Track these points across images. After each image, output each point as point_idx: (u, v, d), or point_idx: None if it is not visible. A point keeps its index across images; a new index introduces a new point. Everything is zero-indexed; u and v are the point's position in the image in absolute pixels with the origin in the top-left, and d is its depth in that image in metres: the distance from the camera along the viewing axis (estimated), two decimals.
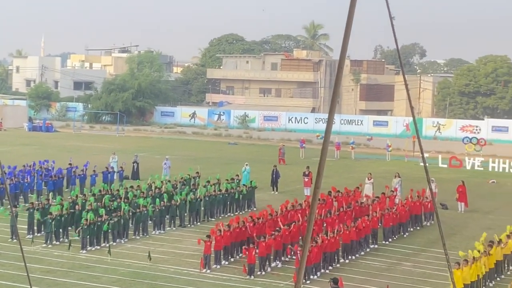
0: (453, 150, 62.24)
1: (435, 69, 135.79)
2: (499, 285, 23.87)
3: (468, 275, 21.73)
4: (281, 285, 23.31)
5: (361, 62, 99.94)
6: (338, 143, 59.13)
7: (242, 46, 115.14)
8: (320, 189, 7.93)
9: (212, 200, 33.12)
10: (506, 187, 46.28)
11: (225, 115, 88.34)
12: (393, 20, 9.48)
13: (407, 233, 31.21)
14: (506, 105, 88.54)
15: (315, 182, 7.92)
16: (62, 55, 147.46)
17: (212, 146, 65.87)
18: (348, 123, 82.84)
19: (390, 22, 9.48)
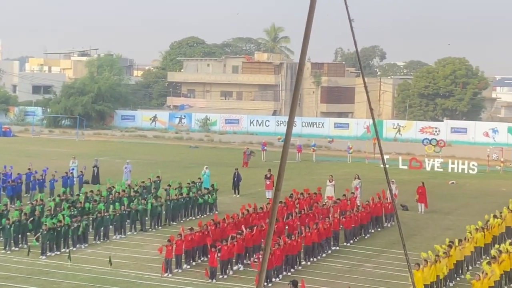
0: (413, 152, 62.88)
1: (395, 71, 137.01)
2: (459, 285, 24.12)
3: (428, 275, 21.92)
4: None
5: (322, 65, 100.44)
6: (300, 146, 59.32)
7: (203, 49, 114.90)
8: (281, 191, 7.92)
9: (173, 204, 32.93)
10: (465, 187, 46.86)
11: (186, 118, 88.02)
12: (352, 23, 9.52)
13: (368, 235, 31.40)
14: (464, 106, 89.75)
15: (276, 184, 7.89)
16: (21, 58, 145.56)
17: (173, 150, 65.56)
18: (309, 126, 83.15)
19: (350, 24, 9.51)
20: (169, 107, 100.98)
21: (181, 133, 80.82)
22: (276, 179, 7.95)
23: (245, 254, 26.26)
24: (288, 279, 24.31)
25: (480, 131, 77.92)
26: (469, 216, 34.52)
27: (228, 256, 24.79)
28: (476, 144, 73.68)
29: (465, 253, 25.04)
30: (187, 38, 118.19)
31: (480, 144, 72.68)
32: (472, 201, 40.96)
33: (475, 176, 52.13)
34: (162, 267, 24.71)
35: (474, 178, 51.11)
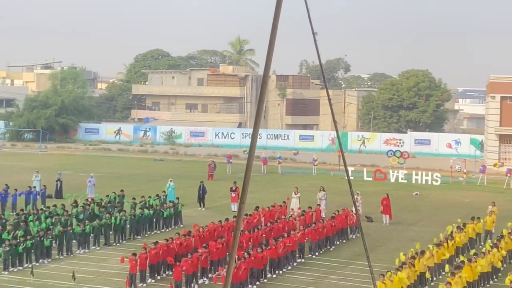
0: (377, 163, 63.27)
1: (359, 83, 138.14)
2: None
3: (391, 287, 21.98)
4: None
5: (287, 77, 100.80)
6: (265, 158, 59.35)
7: (167, 62, 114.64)
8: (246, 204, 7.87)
9: (137, 218, 32.65)
10: (429, 199, 47.25)
11: (151, 131, 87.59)
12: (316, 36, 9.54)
13: (333, 247, 31.45)
14: (428, 118, 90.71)
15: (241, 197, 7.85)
16: None
17: (138, 163, 65.13)
18: (275, 138, 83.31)
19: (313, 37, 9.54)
20: (133, 120, 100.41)
21: (145, 146, 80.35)
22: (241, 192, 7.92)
23: (210, 268, 26.12)
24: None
25: (443, 142, 78.79)
26: (433, 227, 34.77)
27: (193, 270, 24.63)
28: (439, 156, 74.47)
29: (429, 264, 25.19)
30: (152, 51, 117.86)
31: (443, 155, 73.48)
32: (436, 212, 41.30)
33: (439, 187, 52.61)
34: (127, 281, 24.46)
35: (438, 189, 51.58)
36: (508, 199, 47.18)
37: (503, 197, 47.58)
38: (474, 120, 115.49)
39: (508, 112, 66.17)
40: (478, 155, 69.97)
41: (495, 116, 66.81)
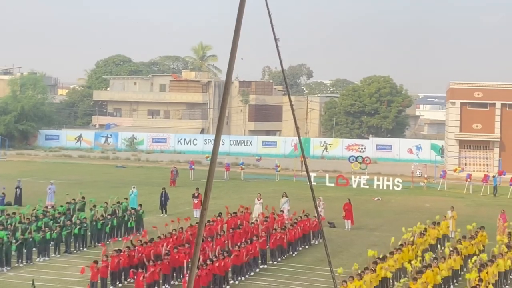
0: (340, 169, 63.58)
1: (322, 89, 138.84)
2: None
3: None
4: None
5: (249, 83, 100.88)
6: (228, 164, 59.25)
7: (129, 68, 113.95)
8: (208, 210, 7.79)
9: (99, 225, 32.29)
10: (390, 204, 47.59)
11: (113, 137, 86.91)
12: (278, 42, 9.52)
13: (295, 252, 31.46)
14: (389, 124, 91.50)
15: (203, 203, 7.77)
16: None
17: (99, 170, 64.53)
18: (237, 144, 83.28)
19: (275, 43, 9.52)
20: (94, 126, 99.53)
21: (107, 153, 79.70)
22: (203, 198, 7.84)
23: (172, 275, 25.94)
24: None
25: (404, 148, 79.55)
26: (394, 232, 34.87)
27: (154, 277, 24.43)
28: (400, 161, 75.17)
29: (391, 269, 25.32)
30: (113, 56, 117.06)
31: (405, 161, 74.20)
32: (397, 217, 41.59)
33: (400, 193, 53.05)
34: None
35: (399, 195, 52.00)
36: (467, 204, 47.78)
37: (462, 202, 48.18)
38: (435, 126, 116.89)
39: (468, 118, 67.07)
40: (439, 161, 70.78)
41: (455, 121, 67.64)
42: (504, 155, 65.68)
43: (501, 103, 66.17)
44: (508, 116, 66.13)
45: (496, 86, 67.48)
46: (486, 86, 67.52)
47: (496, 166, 64.06)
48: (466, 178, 54.80)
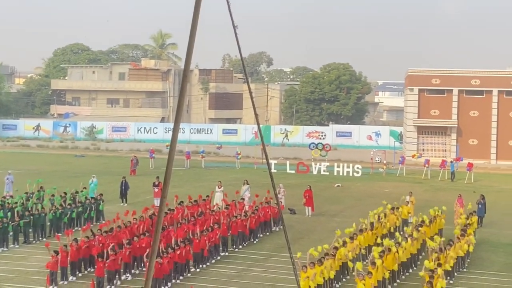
0: (300, 156, 63.92)
1: (282, 77, 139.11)
2: (345, 286, 24.61)
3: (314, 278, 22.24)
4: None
5: (209, 71, 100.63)
6: (188, 152, 59.13)
7: (88, 56, 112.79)
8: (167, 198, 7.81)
9: (58, 214, 32.02)
10: (350, 190, 48.01)
11: (71, 126, 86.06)
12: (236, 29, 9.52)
13: (257, 239, 31.59)
14: (349, 111, 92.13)
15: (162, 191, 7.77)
16: None
17: (58, 159, 63.89)
18: (198, 132, 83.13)
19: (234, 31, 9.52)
20: (53, 116, 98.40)
21: (66, 142, 78.91)
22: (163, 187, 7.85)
23: (133, 264, 25.88)
24: (178, 287, 24.17)
25: (364, 134, 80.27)
26: (354, 218, 35.25)
27: (115, 266, 24.35)
28: (360, 148, 75.86)
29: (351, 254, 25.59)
30: (72, 45, 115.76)
31: (364, 147, 74.89)
32: (357, 203, 42.02)
33: (360, 179, 53.55)
34: (47, 279, 23.94)
35: (359, 181, 52.50)
36: (426, 189, 48.45)
37: (421, 187, 48.86)
38: (394, 112, 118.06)
39: (425, 104, 67.92)
40: (398, 147, 71.58)
41: (413, 108, 68.44)
42: (461, 141, 66.72)
43: (458, 90, 67.13)
44: (465, 102, 67.14)
45: (453, 72, 68.42)
46: (444, 73, 68.43)
47: (453, 151, 65.08)
48: (424, 163, 55.52)
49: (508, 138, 66.31)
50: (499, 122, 66.42)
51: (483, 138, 66.63)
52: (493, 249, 30.90)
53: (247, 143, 78.01)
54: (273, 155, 62.43)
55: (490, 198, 41.16)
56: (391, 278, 24.58)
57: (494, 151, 66.46)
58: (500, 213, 39.47)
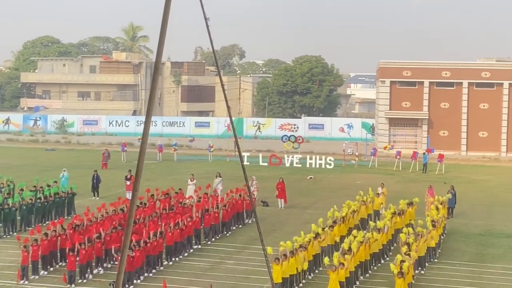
0: (273, 148, 64.00)
1: (254, 69, 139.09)
2: (318, 277, 24.71)
3: (287, 269, 22.32)
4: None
5: (181, 64, 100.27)
6: (160, 145, 58.91)
7: (58, 49, 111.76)
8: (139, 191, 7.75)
9: (28, 209, 31.72)
10: (323, 182, 48.17)
11: (42, 120, 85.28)
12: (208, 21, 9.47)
13: (229, 232, 31.58)
14: (321, 103, 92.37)
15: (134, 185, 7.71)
16: None
17: (29, 153, 63.28)
18: (170, 125, 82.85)
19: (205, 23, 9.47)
20: (23, 109, 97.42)
21: (36, 136, 78.19)
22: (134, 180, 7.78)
23: (105, 257, 25.73)
24: (150, 281, 24.10)
25: (336, 126, 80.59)
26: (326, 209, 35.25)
27: (87, 259, 24.21)
28: (332, 140, 76.16)
29: (323, 245, 25.71)
30: (41, 37, 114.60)
31: (336, 139, 75.19)
32: (330, 195, 42.16)
33: (332, 171, 53.75)
34: (18, 274, 23.75)
35: (331, 173, 52.70)
36: (397, 181, 48.79)
37: (392, 179, 49.18)
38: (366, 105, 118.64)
39: (397, 96, 68.35)
40: (369, 139, 71.98)
41: (385, 100, 68.84)
42: (432, 132, 67.27)
43: (429, 82, 67.66)
44: (436, 94, 67.68)
45: (424, 65, 68.94)
46: (415, 65, 68.90)
47: (424, 143, 65.59)
48: (395, 155, 55.88)
49: (478, 130, 67.00)
50: (469, 114, 67.07)
51: (453, 129, 67.24)
52: (464, 239, 31.22)
53: (219, 135, 77.91)
54: (246, 147, 62.44)
55: (461, 189, 41.61)
56: (363, 269, 24.73)
57: (464, 143, 67.12)
58: (470, 203, 39.89)
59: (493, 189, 46.44)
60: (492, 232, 32.89)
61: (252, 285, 23.77)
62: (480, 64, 71.34)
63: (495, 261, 27.73)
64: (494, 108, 66.78)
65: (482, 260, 27.88)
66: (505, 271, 26.16)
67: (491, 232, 32.99)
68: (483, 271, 26.19)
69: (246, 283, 24.05)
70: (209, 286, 22.36)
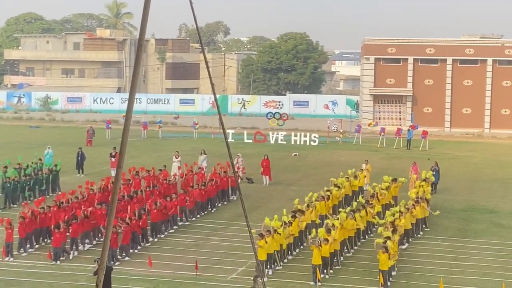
0: (257, 126, 64.07)
1: (239, 46, 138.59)
2: (303, 253, 24.90)
3: (271, 246, 22.49)
4: (88, 268, 22.79)
5: (166, 41, 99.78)
6: (145, 123, 58.81)
7: (41, 26, 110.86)
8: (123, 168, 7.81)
9: (13, 186, 31.66)
10: (307, 159, 48.34)
11: (26, 97, 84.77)
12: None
13: (215, 209, 31.70)
14: (306, 80, 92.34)
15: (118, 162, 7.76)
16: None
17: (12, 130, 62.97)
18: (155, 102, 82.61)
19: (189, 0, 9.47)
20: (6, 86, 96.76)
21: (20, 113, 77.77)
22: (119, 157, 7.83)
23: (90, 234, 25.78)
24: (136, 257, 24.21)
25: (321, 103, 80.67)
26: (311, 186, 35.62)
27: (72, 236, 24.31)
28: (317, 117, 76.27)
29: (307, 221, 25.89)
30: (24, 14, 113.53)
31: (321, 116, 75.34)
32: (314, 172, 42.37)
33: (316, 148, 53.92)
34: (3, 251, 23.80)
35: (316, 150, 52.87)
36: (381, 157, 49.04)
37: (376, 155, 49.43)
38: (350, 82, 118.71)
39: (381, 73, 68.48)
40: (354, 115, 72.16)
41: (369, 77, 68.95)
42: (416, 109, 67.55)
43: (413, 58, 67.80)
44: (420, 71, 67.87)
45: (408, 41, 69.00)
46: (399, 42, 68.96)
47: (408, 120, 65.88)
48: (380, 132, 56.11)
49: (461, 106, 67.34)
50: (453, 91, 67.36)
51: (437, 106, 67.55)
52: (447, 214, 31.52)
53: (204, 113, 77.82)
54: (231, 124, 62.45)
55: (444, 165, 41.91)
56: (348, 245, 24.95)
57: (448, 119, 67.47)
58: (453, 179, 40.22)
59: (476, 165, 46.82)
60: (475, 208, 33.23)
61: (237, 261, 23.94)
62: (464, 40, 71.52)
63: (477, 236, 28.06)
64: (478, 85, 67.11)
65: (465, 235, 28.20)
66: (488, 246, 26.49)
67: (474, 207, 33.33)
68: (466, 246, 26.51)
69: (231, 259, 24.22)
70: (194, 262, 22.51)
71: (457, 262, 24.50)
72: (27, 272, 22.52)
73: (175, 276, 22.32)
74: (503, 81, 67.13)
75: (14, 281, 21.72)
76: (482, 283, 22.28)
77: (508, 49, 66.97)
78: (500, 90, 66.89)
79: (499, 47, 67.62)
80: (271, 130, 57.94)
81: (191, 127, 60.14)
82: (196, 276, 22.17)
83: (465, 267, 23.93)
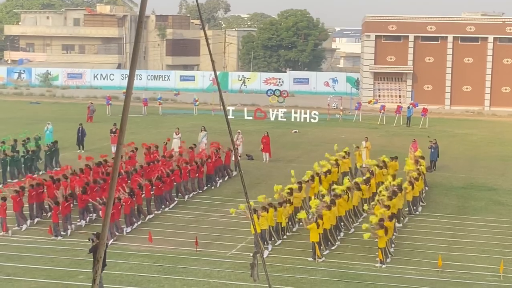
0: (258, 103, 64.07)
1: (239, 23, 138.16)
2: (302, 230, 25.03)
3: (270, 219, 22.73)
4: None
5: (166, 17, 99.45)
6: (146, 99, 58.79)
7: (41, 1, 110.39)
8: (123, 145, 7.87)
9: (10, 161, 31.69)
10: (307, 136, 48.40)
11: (26, 73, 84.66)
12: None
13: (215, 185, 31.77)
14: (306, 57, 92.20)
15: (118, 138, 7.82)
16: None
17: (13, 106, 62.98)
18: (155, 79, 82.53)
19: None
20: (6, 62, 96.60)
21: (20, 89, 77.73)
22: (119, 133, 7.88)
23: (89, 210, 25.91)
24: (136, 233, 24.34)
25: (321, 81, 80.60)
26: (310, 163, 35.55)
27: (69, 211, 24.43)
28: (317, 94, 76.24)
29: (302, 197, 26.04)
30: None
31: (321, 93, 75.29)
32: (314, 149, 42.39)
33: (317, 125, 53.96)
34: (3, 226, 23.91)
35: (316, 127, 52.91)
36: (381, 135, 49.09)
37: (376, 133, 49.48)
38: (351, 59, 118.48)
39: (382, 51, 68.31)
40: (354, 93, 72.10)
41: (370, 54, 68.79)
42: (416, 87, 67.49)
43: (414, 36, 67.61)
44: (421, 49, 67.71)
45: (409, 19, 68.76)
46: (400, 19, 68.73)
47: (408, 97, 65.85)
48: (380, 109, 56.12)
49: (462, 84, 67.27)
50: (454, 68, 67.26)
51: (437, 84, 67.48)
52: (446, 192, 31.64)
53: (204, 89, 77.79)
54: (231, 101, 62.45)
55: (444, 143, 41.99)
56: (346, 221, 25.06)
57: (448, 97, 67.45)
58: (453, 157, 40.31)
59: (476, 143, 46.89)
60: (474, 185, 33.35)
61: (236, 237, 24.08)
62: (465, 18, 71.27)
63: (476, 213, 28.19)
64: (478, 63, 67.00)
65: (464, 212, 28.33)
66: (486, 223, 26.63)
67: (473, 185, 33.44)
68: (465, 223, 26.63)
69: (230, 235, 24.36)
70: (194, 238, 22.65)
71: (456, 239, 24.64)
72: (28, 247, 22.65)
73: (175, 251, 22.46)
74: (503, 58, 67.00)
75: (15, 256, 21.85)
76: (481, 260, 22.41)
77: (509, 27, 66.77)
78: (500, 68, 66.80)
79: (500, 24, 67.40)
80: (271, 107, 57.97)
81: (192, 103, 60.15)
82: (196, 251, 22.32)
83: (463, 244, 24.06)
